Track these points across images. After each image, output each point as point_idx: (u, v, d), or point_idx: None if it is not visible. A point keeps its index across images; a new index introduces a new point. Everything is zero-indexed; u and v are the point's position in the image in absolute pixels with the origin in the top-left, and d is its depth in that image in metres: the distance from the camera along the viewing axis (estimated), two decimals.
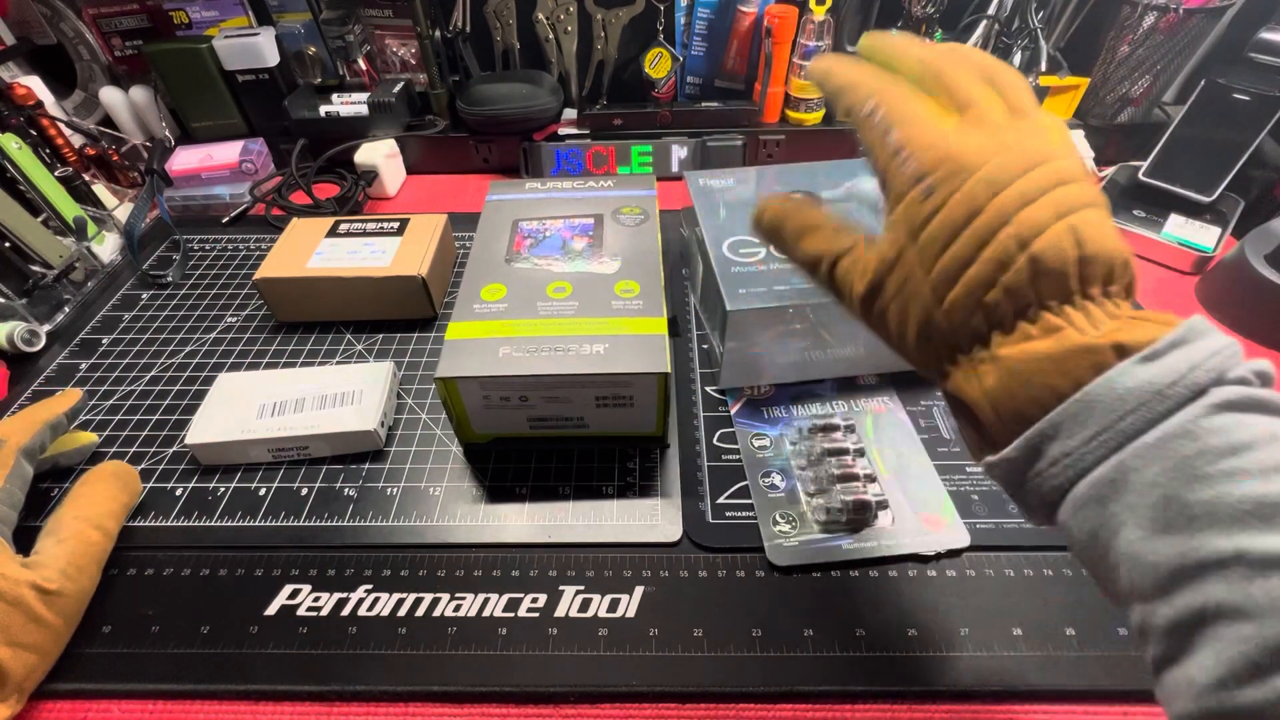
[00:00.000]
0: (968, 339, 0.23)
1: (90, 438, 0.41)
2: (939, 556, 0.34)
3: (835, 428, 0.40)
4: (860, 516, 0.35)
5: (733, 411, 0.42)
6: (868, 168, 0.27)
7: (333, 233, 0.51)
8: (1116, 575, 0.20)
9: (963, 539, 0.35)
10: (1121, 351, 0.20)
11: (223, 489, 0.39)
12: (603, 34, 0.64)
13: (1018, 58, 0.56)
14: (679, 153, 0.65)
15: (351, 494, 0.39)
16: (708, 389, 0.44)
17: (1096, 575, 0.21)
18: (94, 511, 0.33)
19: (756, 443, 0.40)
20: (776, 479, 0.38)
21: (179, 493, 0.39)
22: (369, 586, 0.34)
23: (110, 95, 0.65)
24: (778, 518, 0.36)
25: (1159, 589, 0.18)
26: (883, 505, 0.36)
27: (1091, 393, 0.20)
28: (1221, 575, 0.17)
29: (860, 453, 0.38)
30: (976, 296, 0.22)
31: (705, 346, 0.47)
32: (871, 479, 0.37)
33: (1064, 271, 0.21)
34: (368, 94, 0.65)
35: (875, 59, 0.28)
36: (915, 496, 0.37)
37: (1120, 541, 0.19)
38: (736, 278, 0.41)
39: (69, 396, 0.39)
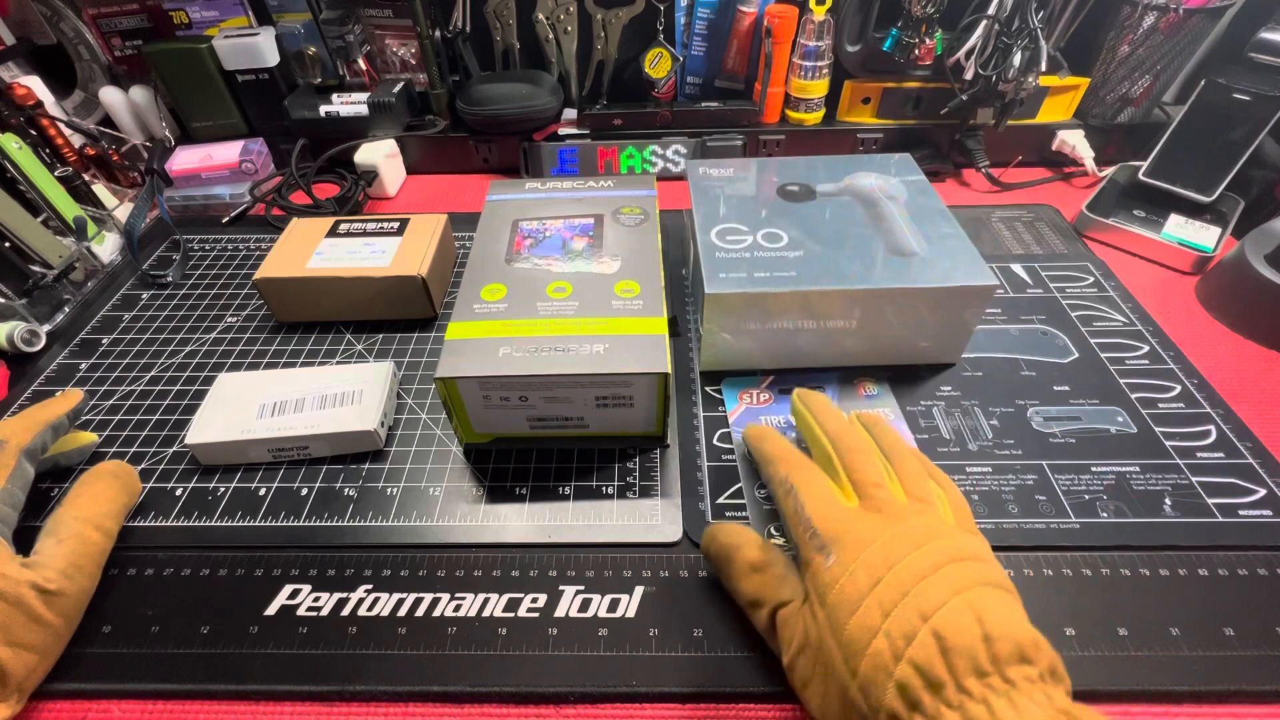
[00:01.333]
0: (885, 719, 0.22)
1: (90, 438, 0.41)
2: None
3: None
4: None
5: (731, 419, 0.42)
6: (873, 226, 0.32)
7: (333, 233, 0.51)
8: None
9: None
10: None
11: (223, 489, 0.39)
12: (603, 34, 0.64)
13: (1018, 58, 0.56)
14: (677, 151, 0.65)
15: (351, 494, 0.39)
16: (708, 389, 0.44)
17: None
18: (94, 511, 0.33)
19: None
20: None
21: (179, 493, 0.39)
22: (369, 586, 0.34)
23: (110, 95, 0.65)
24: (772, 530, 0.36)
25: None
26: None
27: None
28: None
29: None
30: (887, 671, 0.22)
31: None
32: None
33: (972, 648, 0.22)
34: (368, 94, 0.65)
35: (799, 421, 0.35)
36: None
37: None
38: (720, 262, 0.42)
39: (70, 397, 0.39)
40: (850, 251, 0.42)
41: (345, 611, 0.33)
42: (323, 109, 0.64)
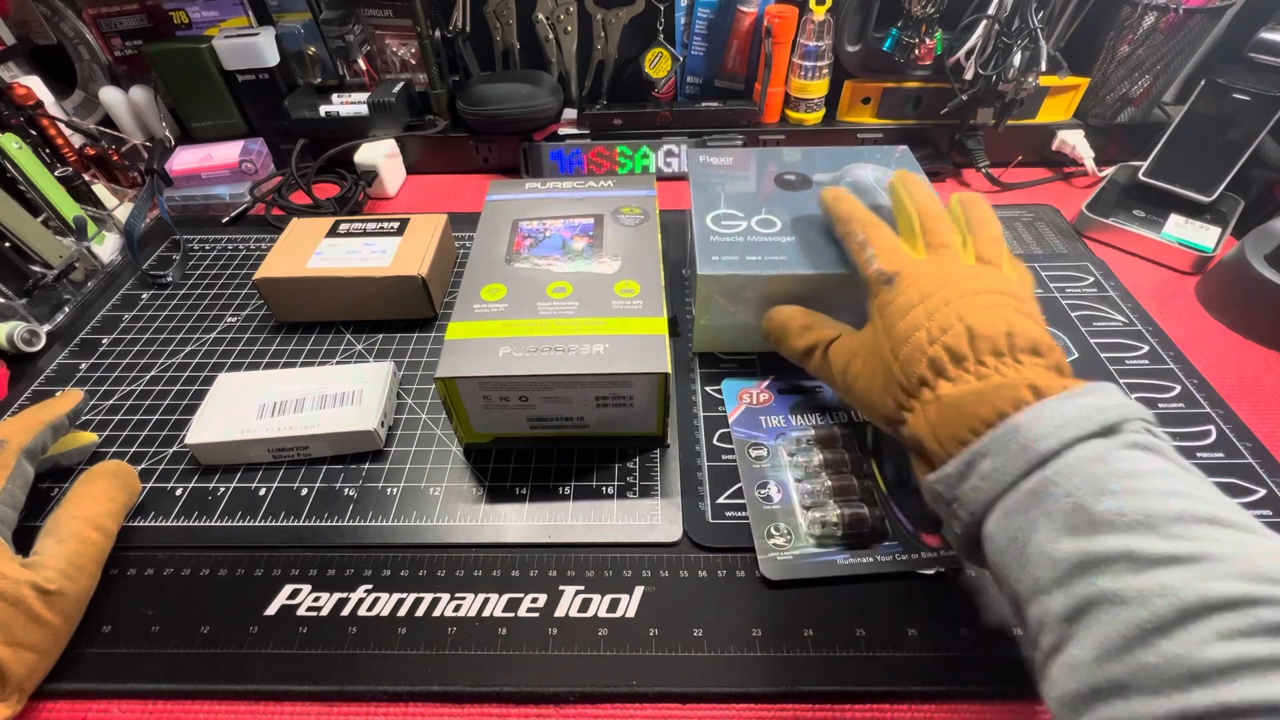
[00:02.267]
0: (916, 384, 0.29)
1: (90, 438, 0.41)
2: (938, 575, 0.34)
3: (834, 439, 0.39)
4: (857, 532, 0.35)
5: (731, 419, 0.42)
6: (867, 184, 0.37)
7: (333, 233, 0.51)
8: (1026, 574, 0.23)
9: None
10: (1036, 391, 0.26)
11: (223, 489, 0.39)
12: (603, 34, 0.64)
13: (1018, 58, 0.56)
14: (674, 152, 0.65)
15: (351, 494, 0.39)
16: (708, 389, 0.44)
17: (1009, 579, 0.24)
18: (93, 511, 0.33)
19: (754, 453, 0.39)
20: (772, 490, 0.37)
21: (179, 493, 0.39)
22: (369, 586, 0.34)
23: (110, 95, 0.65)
24: (772, 530, 0.36)
25: (1058, 580, 0.22)
26: (880, 521, 0.35)
27: (1016, 420, 0.25)
28: (1110, 569, 0.21)
29: (859, 465, 0.38)
30: (922, 349, 0.29)
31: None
32: (870, 493, 0.37)
33: (994, 337, 0.28)
34: (368, 94, 0.65)
35: (894, 199, 0.38)
36: (914, 513, 0.36)
37: (1034, 542, 0.23)
38: (713, 245, 0.43)
39: (70, 397, 0.39)
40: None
41: (345, 611, 0.33)
42: (323, 109, 0.64)
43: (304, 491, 0.39)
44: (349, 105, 0.64)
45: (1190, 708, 0.18)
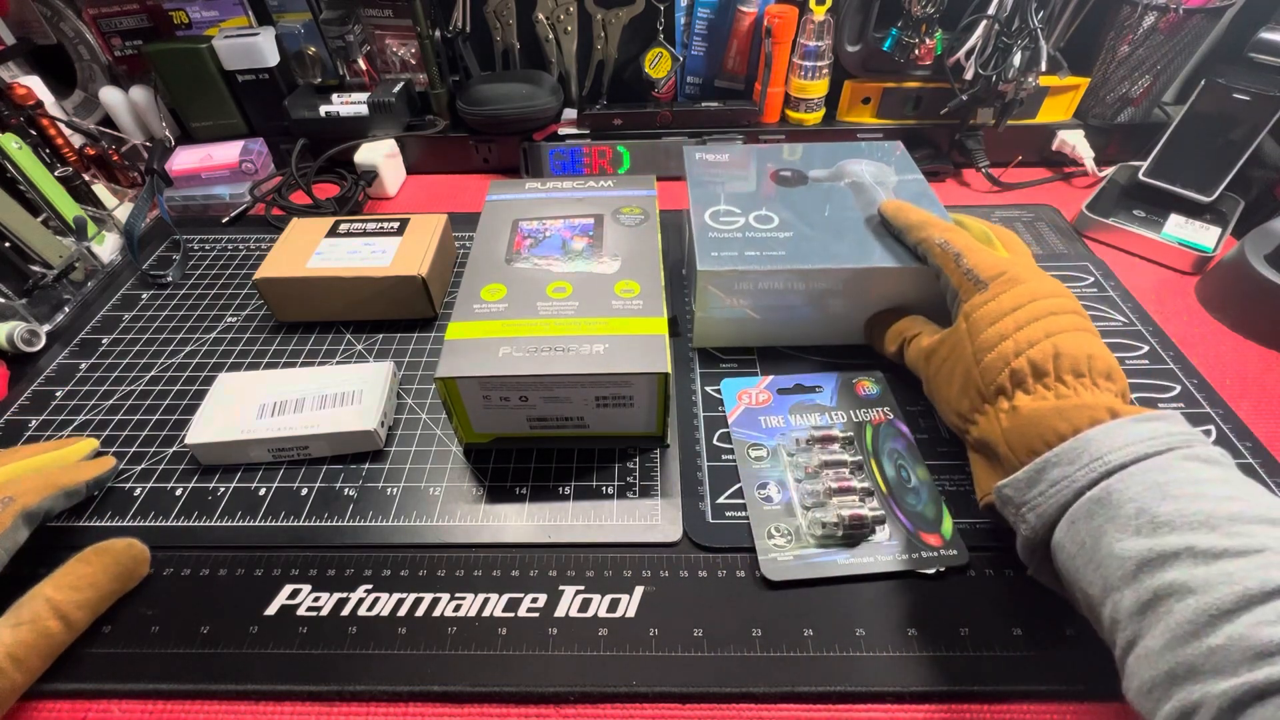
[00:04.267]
0: (994, 392, 0.31)
1: (108, 464, 0.38)
2: (939, 575, 0.34)
3: (833, 439, 0.39)
4: (857, 532, 0.35)
5: (730, 420, 0.42)
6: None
7: (333, 233, 0.51)
8: (1097, 576, 0.25)
9: (963, 557, 0.34)
10: (1113, 413, 0.28)
11: (223, 489, 0.39)
12: (603, 34, 0.64)
13: (1018, 58, 0.56)
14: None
15: (351, 494, 0.39)
16: (707, 389, 0.44)
17: (1081, 583, 0.26)
18: (68, 597, 0.31)
19: (754, 453, 0.39)
20: (772, 490, 0.37)
21: (179, 493, 0.39)
22: (369, 586, 0.34)
23: (110, 95, 0.65)
24: (772, 530, 0.36)
25: (1127, 578, 0.24)
26: (880, 520, 0.35)
27: (1089, 435, 0.27)
28: (1175, 563, 0.22)
29: (859, 465, 0.38)
30: (1006, 360, 0.31)
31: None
32: (869, 493, 0.36)
33: (1077, 359, 0.30)
34: (368, 94, 0.65)
35: (955, 234, 0.39)
36: (914, 512, 0.36)
37: (1103, 545, 0.25)
38: (712, 242, 0.43)
39: (100, 464, 0.38)
40: (839, 233, 0.44)
41: (345, 611, 0.33)
42: (323, 109, 0.64)
43: (304, 491, 0.39)
44: (349, 105, 0.64)
45: (1256, 683, 0.19)
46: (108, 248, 0.58)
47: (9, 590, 0.31)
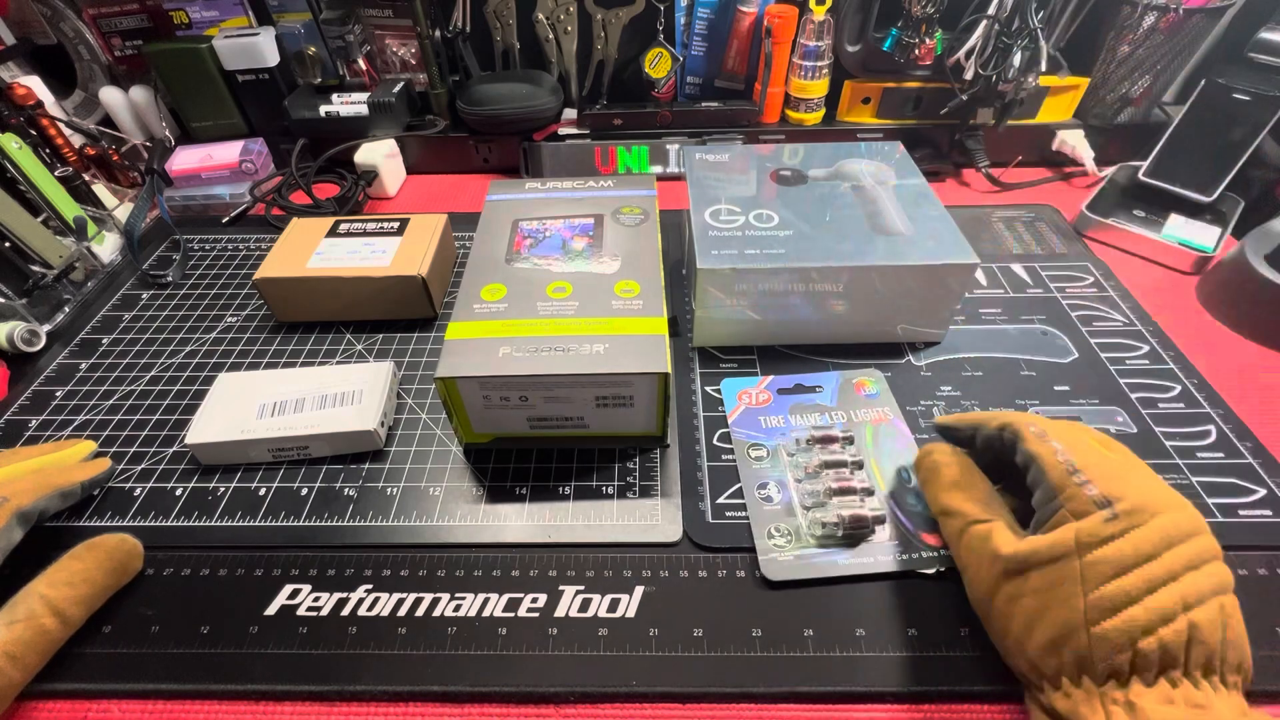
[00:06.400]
0: (1105, 672, 0.24)
1: (103, 465, 0.38)
2: (939, 575, 0.34)
3: (834, 439, 0.39)
4: (857, 531, 0.35)
5: (730, 420, 0.42)
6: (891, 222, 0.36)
7: (333, 233, 0.51)
8: None
9: None
10: None
11: (223, 489, 0.39)
12: (603, 34, 0.64)
13: (1018, 58, 0.56)
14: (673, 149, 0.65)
15: (351, 494, 0.39)
16: (708, 389, 0.44)
17: None
18: (63, 594, 0.31)
19: (754, 453, 0.40)
20: (772, 490, 0.37)
21: (179, 493, 0.39)
22: (369, 586, 0.34)
23: (110, 95, 0.65)
24: (772, 530, 0.36)
25: None
26: (880, 520, 0.35)
27: None
28: None
29: (859, 465, 0.38)
30: (1133, 637, 0.24)
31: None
32: (870, 493, 0.36)
33: (1212, 647, 0.24)
34: (368, 94, 0.65)
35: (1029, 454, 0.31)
36: (914, 512, 0.36)
37: None
38: (712, 240, 0.43)
39: (96, 465, 0.38)
40: (839, 232, 0.44)
41: (345, 611, 0.33)
42: (323, 109, 0.64)
43: (304, 491, 0.39)
44: (349, 105, 0.64)
45: None
46: (108, 248, 0.58)
47: (6, 590, 0.30)
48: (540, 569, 0.35)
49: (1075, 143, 0.63)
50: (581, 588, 0.34)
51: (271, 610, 0.33)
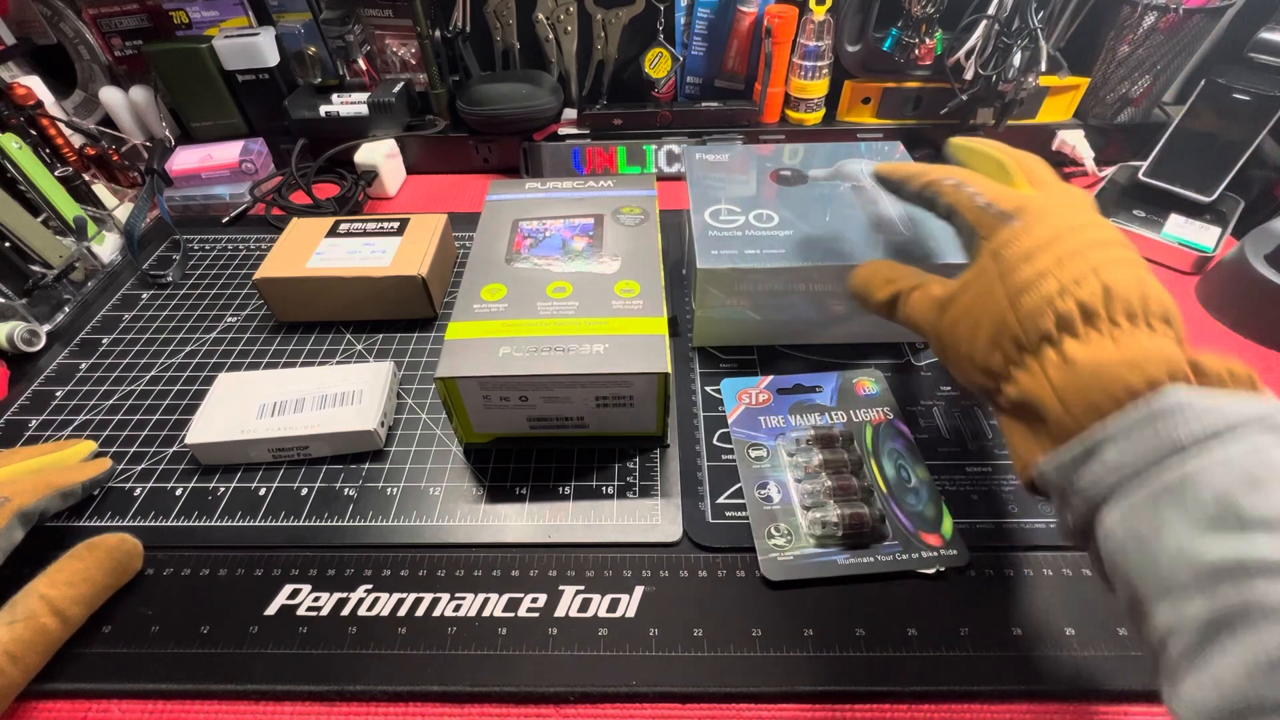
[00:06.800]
0: (1036, 339, 0.25)
1: (103, 465, 0.38)
2: (939, 575, 0.34)
3: (834, 439, 0.39)
4: (856, 531, 0.35)
5: (730, 420, 0.42)
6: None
7: (333, 233, 0.51)
8: (1152, 572, 0.21)
9: (963, 557, 0.34)
10: (1197, 370, 0.23)
11: (223, 489, 0.39)
12: (603, 34, 0.64)
13: (1018, 58, 0.56)
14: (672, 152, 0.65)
15: (351, 494, 0.39)
16: (707, 389, 0.44)
17: (1129, 576, 0.22)
18: (64, 593, 0.31)
19: (753, 453, 0.40)
20: (772, 490, 0.37)
21: (179, 493, 0.39)
22: (369, 586, 0.34)
23: (110, 95, 0.65)
24: (772, 530, 0.36)
25: (1198, 584, 0.19)
26: (880, 520, 0.35)
27: (1167, 399, 0.22)
28: (1265, 576, 0.18)
29: (858, 465, 0.38)
30: (1050, 300, 0.25)
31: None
32: (869, 493, 0.37)
33: (1130, 298, 0.25)
34: (368, 94, 0.65)
35: (963, 153, 0.38)
36: (914, 512, 0.36)
37: (1166, 539, 0.20)
38: (712, 240, 0.43)
39: (96, 465, 0.38)
40: (838, 232, 0.44)
41: (345, 611, 0.33)
42: (323, 109, 0.64)
43: (304, 491, 0.39)
44: (349, 105, 0.64)
45: None
46: (108, 248, 0.58)
47: (6, 590, 0.30)
48: (540, 569, 0.35)
49: (1075, 143, 0.63)
50: (581, 588, 0.34)
51: (271, 610, 0.33)
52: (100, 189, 0.62)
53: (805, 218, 0.45)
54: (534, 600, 0.33)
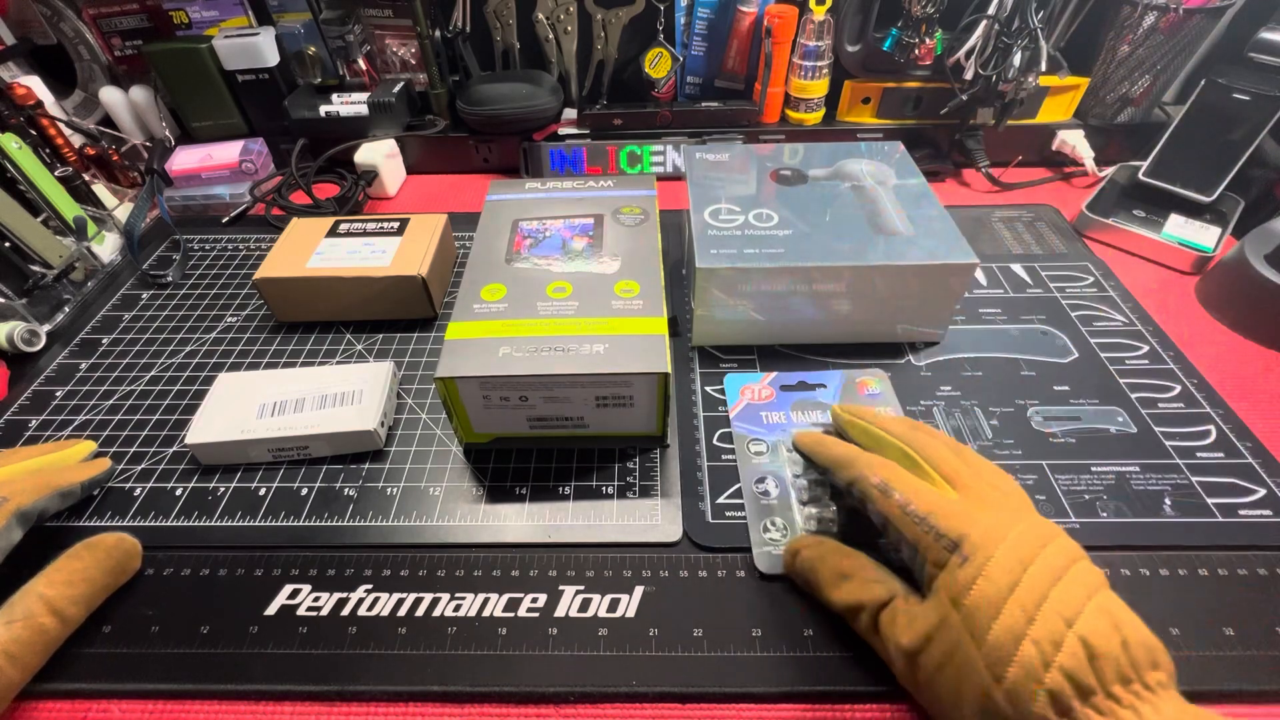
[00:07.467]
0: (1040, 716, 0.23)
1: (103, 465, 0.39)
2: None
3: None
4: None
5: (732, 415, 0.42)
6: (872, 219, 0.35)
7: (333, 233, 0.51)
8: None
9: None
10: None
11: (223, 489, 0.39)
12: (603, 34, 0.64)
13: (1018, 58, 0.56)
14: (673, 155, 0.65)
15: (351, 494, 0.39)
16: (708, 389, 0.44)
17: None
18: (62, 593, 0.31)
19: (753, 448, 0.40)
20: (770, 484, 0.38)
21: (179, 493, 0.39)
22: (369, 586, 0.34)
23: (110, 95, 0.65)
24: (768, 524, 0.36)
25: None
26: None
27: None
28: None
29: None
30: (1037, 678, 0.23)
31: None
32: None
33: (1116, 655, 0.23)
34: (368, 94, 0.65)
35: (854, 431, 0.35)
36: None
37: None
38: (712, 239, 0.43)
39: (95, 465, 0.38)
40: (838, 232, 0.44)
41: (345, 611, 0.33)
42: (323, 109, 0.64)
43: (304, 491, 0.39)
44: (349, 105, 0.64)
45: None
46: (108, 248, 0.58)
47: (5, 590, 0.30)
48: (540, 569, 0.35)
49: (1075, 143, 0.63)
50: (581, 588, 0.34)
51: (271, 610, 0.33)
52: (100, 189, 0.62)
53: (805, 217, 0.45)
54: (534, 600, 0.33)
